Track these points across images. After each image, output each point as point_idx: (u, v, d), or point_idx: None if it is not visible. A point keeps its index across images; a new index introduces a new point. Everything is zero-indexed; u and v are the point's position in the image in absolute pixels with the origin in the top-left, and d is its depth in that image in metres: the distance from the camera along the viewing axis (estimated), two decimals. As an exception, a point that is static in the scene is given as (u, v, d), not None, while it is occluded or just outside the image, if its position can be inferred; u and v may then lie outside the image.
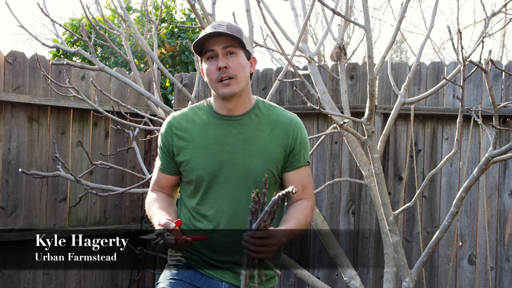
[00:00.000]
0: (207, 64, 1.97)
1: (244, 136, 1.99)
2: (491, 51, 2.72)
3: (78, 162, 4.58)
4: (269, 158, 1.98)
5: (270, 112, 2.04)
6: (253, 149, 1.98)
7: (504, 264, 3.91)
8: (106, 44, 4.18)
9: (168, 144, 2.04)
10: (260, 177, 1.92)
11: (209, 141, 1.99)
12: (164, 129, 2.07)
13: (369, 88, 2.84)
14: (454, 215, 2.86)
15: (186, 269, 2.01)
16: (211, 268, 2.01)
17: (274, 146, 1.99)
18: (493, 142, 2.68)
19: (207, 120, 2.02)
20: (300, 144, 2.03)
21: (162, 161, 2.08)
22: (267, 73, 4.71)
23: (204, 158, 1.97)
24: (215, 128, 2.00)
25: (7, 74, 4.19)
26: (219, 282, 2.00)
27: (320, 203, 4.46)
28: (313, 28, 13.28)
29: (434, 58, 13.18)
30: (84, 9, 3.38)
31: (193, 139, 2.00)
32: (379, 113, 4.19)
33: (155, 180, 2.12)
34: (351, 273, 3.32)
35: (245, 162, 1.97)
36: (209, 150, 1.98)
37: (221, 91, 1.95)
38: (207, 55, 1.96)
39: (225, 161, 1.97)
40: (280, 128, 2.01)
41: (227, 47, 1.94)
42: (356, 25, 2.71)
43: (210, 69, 1.96)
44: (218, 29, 1.93)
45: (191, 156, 1.99)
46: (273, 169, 1.99)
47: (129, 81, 3.47)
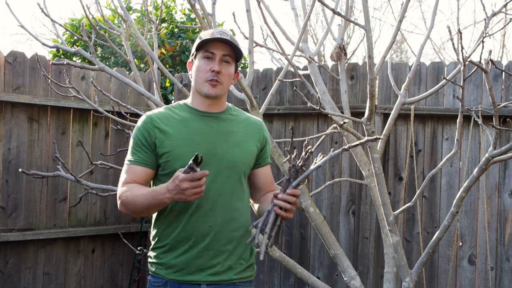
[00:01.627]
0: (202, 61, 2.09)
1: (224, 130, 2.13)
2: (491, 51, 2.72)
3: (78, 162, 4.58)
4: (247, 151, 2.15)
5: (241, 114, 2.23)
6: (234, 141, 2.12)
7: (504, 264, 3.91)
8: (106, 44, 4.18)
9: (150, 137, 2.08)
10: (241, 166, 2.11)
11: (192, 132, 2.09)
12: (142, 123, 2.12)
13: (369, 88, 2.84)
14: (454, 215, 2.86)
15: (164, 286, 2.10)
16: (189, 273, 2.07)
17: (250, 141, 2.17)
18: (493, 142, 2.68)
19: (186, 115, 2.13)
20: (267, 144, 2.25)
21: (140, 155, 2.09)
22: (267, 73, 4.71)
23: (188, 147, 2.05)
24: (196, 122, 2.11)
25: (7, 74, 4.19)
26: (198, 286, 2.07)
27: (320, 203, 4.46)
28: (313, 28, 13.29)
29: (434, 58, 13.18)
30: (84, 9, 3.39)
31: (175, 131, 2.08)
32: (379, 113, 4.19)
33: (129, 177, 2.09)
34: (351, 273, 3.32)
35: (227, 152, 2.10)
36: (192, 140, 2.07)
37: (206, 90, 2.09)
38: (205, 54, 2.09)
39: (208, 150, 2.06)
40: (253, 128, 2.21)
41: (226, 55, 2.09)
42: (356, 25, 2.71)
43: (203, 67, 2.09)
44: (223, 36, 2.07)
45: (175, 146, 2.06)
46: (250, 162, 2.16)
47: (129, 81, 3.47)
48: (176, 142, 2.06)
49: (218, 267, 2.08)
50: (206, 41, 2.07)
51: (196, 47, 2.11)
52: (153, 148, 2.08)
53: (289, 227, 4.60)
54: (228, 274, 2.09)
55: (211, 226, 2.06)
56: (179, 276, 2.08)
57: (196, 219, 2.05)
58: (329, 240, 3.33)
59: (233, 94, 3.84)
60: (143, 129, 2.10)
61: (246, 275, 2.15)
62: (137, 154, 2.10)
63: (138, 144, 2.10)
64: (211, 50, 2.07)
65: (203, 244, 2.06)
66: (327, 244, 3.35)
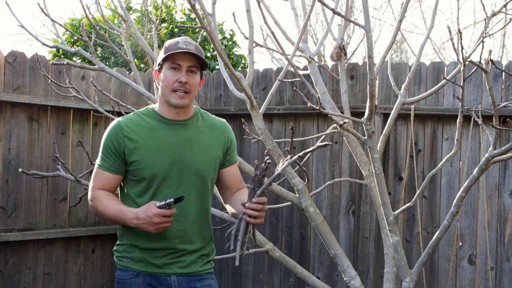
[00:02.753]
0: (168, 72, 2.19)
1: (190, 138, 2.24)
2: (491, 51, 2.72)
3: (78, 162, 4.58)
4: (211, 157, 2.27)
5: (207, 118, 2.34)
6: (198, 149, 2.24)
7: (504, 264, 3.91)
8: (106, 44, 4.18)
9: (119, 146, 2.19)
10: (205, 173, 2.25)
11: (160, 142, 2.19)
12: (112, 131, 2.22)
13: (369, 88, 2.84)
14: (454, 215, 2.86)
15: (135, 278, 2.22)
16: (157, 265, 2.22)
17: (215, 146, 2.29)
18: (493, 142, 2.68)
19: (154, 123, 2.23)
20: (232, 144, 2.37)
21: (109, 162, 2.21)
22: (267, 73, 4.71)
23: (156, 157, 2.18)
24: (163, 131, 2.22)
25: (7, 74, 4.19)
26: (168, 277, 2.22)
27: (320, 203, 4.46)
28: (313, 28, 13.29)
29: (434, 58, 13.18)
30: (84, 9, 3.39)
31: (144, 140, 2.19)
32: (379, 113, 4.19)
33: (99, 182, 2.23)
34: (351, 273, 3.32)
35: (192, 160, 2.22)
36: (160, 150, 2.19)
37: (174, 101, 2.19)
38: (172, 65, 2.19)
39: (175, 159, 2.20)
40: (217, 132, 2.32)
41: (191, 66, 2.20)
42: (356, 25, 2.71)
43: (170, 78, 2.18)
44: (189, 47, 2.18)
45: (144, 155, 2.18)
46: (214, 166, 2.29)
47: (129, 81, 3.47)
48: (144, 152, 2.18)
49: (185, 263, 2.24)
50: (173, 54, 2.17)
51: (163, 58, 2.20)
52: (122, 156, 2.20)
53: (289, 227, 4.60)
54: (193, 267, 2.26)
55: (179, 230, 2.21)
56: (150, 268, 2.22)
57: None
58: (329, 240, 3.33)
59: (233, 94, 3.84)
60: (113, 138, 2.20)
61: (208, 267, 2.32)
62: (106, 160, 2.21)
63: (107, 151, 2.21)
64: (177, 62, 2.17)
65: (172, 245, 2.21)
66: (327, 244, 3.35)
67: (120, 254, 2.27)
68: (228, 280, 4.79)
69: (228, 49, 6.75)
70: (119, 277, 2.27)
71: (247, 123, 3.69)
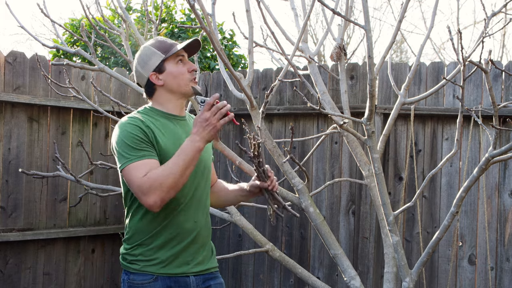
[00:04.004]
0: (179, 66, 2.23)
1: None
2: (491, 51, 2.72)
3: (78, 162, 4.58)
4: (209, 149, 2.32)
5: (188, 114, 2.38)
6: None
7: (504, 264, 3.91)
8: (106, 44, 4.18)
9: (149, 135, 2.11)
10: (210, 165, 2.30)
11: (174, 137, 2.19)
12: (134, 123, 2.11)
13: (369, 88, 2.84)
14: (454, 215, 2.86)
15: (154, 282, 2.17)
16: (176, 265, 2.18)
17: None
18: (493, 142, 2.68)
19: (162, 120, 2.21)
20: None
21: (147, 151, 2.06)
22: (267, 73, 4.71)
23: (173, 152, 2.11)
24: (172, 126, 2.22)
25: (7, 74, 4.19)
26: (187, 278, 2.19)
27: (320, 203, 4.46)
28: (313, 28, 13.29)
29: (434, 58, 13.18)
30: (84, 9, 3.39)
31: (160, 135, 2.16)
32: (379, 113, 4.19)
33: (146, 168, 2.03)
34: (351, 273, 3.32)
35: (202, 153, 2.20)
36: (175, 144, 2.15)
37: (195, 86, 2.23)
38: (178, 58, 2.23)
39: None
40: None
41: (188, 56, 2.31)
42: (356, 25, 2.71)
43: (182, 70, 2.23)
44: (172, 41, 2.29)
45: (166, 148, 2.14)
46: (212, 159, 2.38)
47: (129, 81, 3.47)
48: (165, 144, 2.15)
49: (200, 258, 2.23)
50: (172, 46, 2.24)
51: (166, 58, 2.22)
52: (154, 143, 2.11)
53: (289, 227, 4.60)
54: (208, 263, 2.27)
55: (196, 222, 2.21)
56: (169, 270, 2.17)
57: (184, 217, 2.18)
58: (329, 240, 3.33)
59: (233, 94, 3.84)
60: (139, 128, 2.09)
61: (216, 264, 2.34)
62: (144, 151, 2.06)
63: (139, 141, 2.06)
64: (181, 54, 2.24)
65: (189, 238, 2.19)
66: (327, 244, 3.35)
67: (134, 258, 2.18)
68: (228, 280, 4.79)
69: (228, 49, 6.75)
70: (133, 281, 2.17)
71: (247, 123, 3.69)
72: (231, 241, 4.81)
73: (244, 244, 4.75)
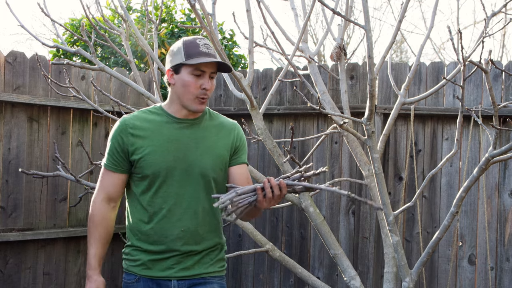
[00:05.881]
0: (192, 77, 2.13)
1: (196, 136, 2.20)
2: (491, 51, 2.72)
3: (78, 162, 4.58)
4: (217, 156, 2.21)
5: (216, 117, 2.29)
6: (204, 148, 2.20)
7: (504, 264, 3.91)
8: (106, 44, 4.18)
9: (123, 143, 2.18)
10: (210, 172, 2.19)
11: (164, 140, 2.17)
12: (117, 129, 2.21)
13: (369, 88, 2.84)
14: (454, 215, 2.86)
15: (137, 282, 2.21)
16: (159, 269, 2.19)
17: (221, 145, 2.24)
18: (493, 142, 2.68)
19: (161, 121, 2.20)
20: (241, 144, 2.29)
21: (113, 160, 2.20)
22: (267, 73, 4.71)
23: (159, 155, 2.15)
24: (169, 128, 2.19)
25: (7, 74, 4.19)
26: (169, 282, 2.18)
27: (320, 203, 4.46)
28: (313, 28, 13.29)
29: (434, 58, 13.18)
30: (84, 9, 3.39)
31: (148, 137, 2.17)
32: (379, 113, 4.19)
33: (105, 184, 2.23)
34: (351, 273, 3.32)
35: (197, 159, 2.18)
36: (164, 147, 2.16)
37: (195, 107, 2.16)
38: (196, 72, 2.13)
39: (178, 158, 2.16)
40: (225, 131, 2.27)
41: (213, 72, 2.16)
42: (356, 25, 2.71)
43: (193, 84, 2.14)
44: (210, 50, 2.14)
45: (147, 153, 2.15)
46: (221, 166, 2.23)
47: (129, 81, 3.47)
48: (148, 149, 2.16)
49: (188, 264, 2.19)
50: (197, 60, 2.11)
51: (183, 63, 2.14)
52: (126, 155, 2.18)
53: (289, 227, 4.60)
54: (197, 269, 2.20)
55: (183, 231, 2.17)
56: (151, 272, 2.19)
57: (168, 223, 2.17)
58: (329, 240, 3.33)
59: (233, 94, 3.84)
60: (118, 136, 2.19)
61: (216, 270, 2.25)
62: (111, 160, 2.21)
63: (112, 150, 2.20)
64: (202, 69, 2.12)
65: (174, 246, 2.17)
66: (327, 244, 3.35)
67: (125, 256, 2.26)
68: (228, 280, 4.79)
69: (228, 49, 6.75)
70: (124, 280, 2.25)
71: (247, 123, 3.69)
72: (231, 241, 4.81)
73: (244, 244, 4.75)
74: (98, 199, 2.24)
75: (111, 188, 2.22)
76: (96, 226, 2.22)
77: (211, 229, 2.24)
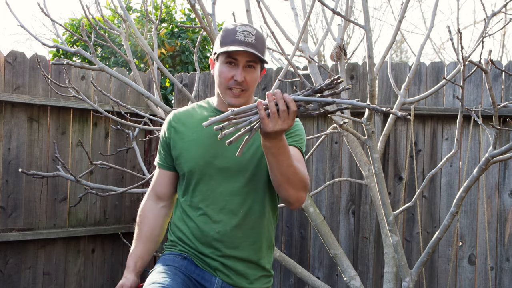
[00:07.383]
0: (224, 67, 1.97)
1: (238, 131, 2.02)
2: (491, 51, 2.72)
3: (78, 162, 4.58)
4: (257, 148, 1.99)
5: None
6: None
7: (504, 264, 3.91)
8: (106, 44, 4.18)
9: (166, 137, 2.11)
10: (251, 168, 1.99)
11: (204, 135, 2.02)
12: (164, 123, 2.16)
13: (369, 88, 2.84)
14: (454, 215, 2.85)
15: (183, 259, 2.05)
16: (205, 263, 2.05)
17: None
18: (493, 142, 2.68)
19: (205, 115, 2.06)
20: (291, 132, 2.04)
21: (160, 156, 2.15)
22: (267, 73, 4.71)
23: (197, 150, 2.02)
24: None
25: (7, 74, 4.19)
26: (213, 276, 2.02)
27: (320, 203, 4.46)
28: (313, 28, 13.28)
29: (434, 58, 13.18)
30: (84, 9, 3.38)
31: (189, 132, 2.06)
32: (379, 113, 4.19)
33: (154, 182, 2.19)
34: (351, 273, 3.32)
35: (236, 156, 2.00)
36: (203, 142, 2.02)
37: (228, 100, 1.98)
38: (228, 60, 1.96)
39: (217, 153, 2.00)
40: None
41: (250, 61, 1.96)
42: (356, 25, 2.71)
43: (226, 74, 1.96)
44: (248, 38, 1.93)
45: (185, 148, 2.04)
46: (263, 160, 1.97)
47: (129, 81, 3.47)
48: (186, 144, 2.04)
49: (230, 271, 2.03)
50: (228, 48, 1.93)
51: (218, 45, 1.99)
52: (169, 148, 2.10)
53: (289, 227, 4.60)
54: (240, 281, 2.03)
55: (218, 232, 2.01)
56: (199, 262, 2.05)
57: (204, 224, 2.02)
58: (329, 240, 3.33)
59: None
60: (164, 130, 2.14)
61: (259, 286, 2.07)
62: (159, 156, 2.16)
63: (160, 145, 2.15)
64: (234, 57, 1.94)
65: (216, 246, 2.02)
66: (327, 244, 3.35)
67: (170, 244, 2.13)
68: (228, 280, 4.79)
69: (228, 49, 6.74)
70: (162, 255, 2.11)
71: (247, 123, 3.68)
72: (231, 241, 4.80)
73: (244, 244, 4.74)
74: (146, 196, 2.19)
75: (158, 186, 2.15)
76: (138, 223, 2.18)
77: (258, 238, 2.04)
